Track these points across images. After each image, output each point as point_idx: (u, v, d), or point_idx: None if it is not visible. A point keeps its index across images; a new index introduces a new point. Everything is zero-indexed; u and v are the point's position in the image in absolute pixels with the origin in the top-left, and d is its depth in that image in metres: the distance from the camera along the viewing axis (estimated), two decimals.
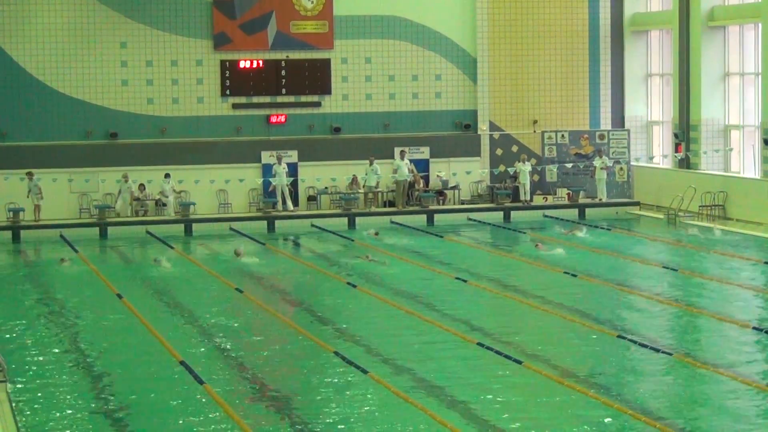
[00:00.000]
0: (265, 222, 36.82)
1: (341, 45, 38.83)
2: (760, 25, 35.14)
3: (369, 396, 17.21)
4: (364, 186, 37.86)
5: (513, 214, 38.03)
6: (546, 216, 37.74)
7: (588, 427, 15.78)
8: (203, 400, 17.17)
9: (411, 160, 38.29)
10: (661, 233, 33.80)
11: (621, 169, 39.29)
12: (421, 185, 38.53)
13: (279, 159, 37.37)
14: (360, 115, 39.01)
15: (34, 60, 36.95)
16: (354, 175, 38.04)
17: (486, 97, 39.59)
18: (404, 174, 37.66)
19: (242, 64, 38.08)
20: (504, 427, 15.76)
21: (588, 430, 15.69)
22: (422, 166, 38.85)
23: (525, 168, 38.49)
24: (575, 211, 38.15)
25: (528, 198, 38.68)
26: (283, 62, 38.37)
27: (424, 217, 37.41)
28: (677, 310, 23.14)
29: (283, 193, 37.35)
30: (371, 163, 37.54)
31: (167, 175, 36.74)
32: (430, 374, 18.33)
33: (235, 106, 38.22)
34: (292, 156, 37.92)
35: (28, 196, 35.63)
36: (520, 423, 15.92)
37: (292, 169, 37.79)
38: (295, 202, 37.75)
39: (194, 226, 36.19)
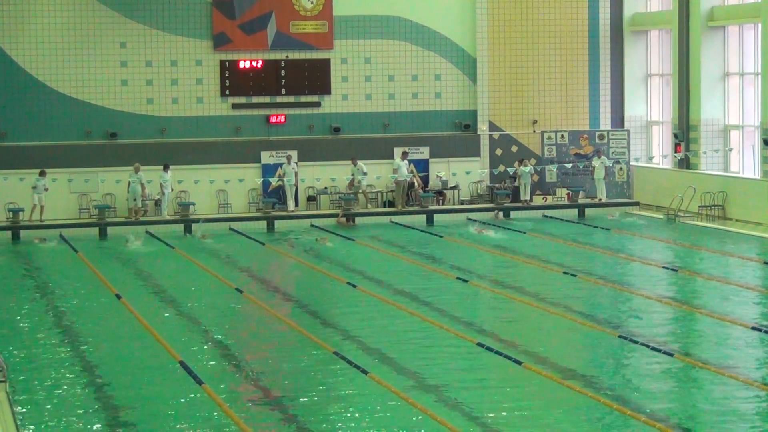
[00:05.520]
0: (264, 222, 36.84)
1: (341, 45, 38.83)
2: (759, 25, 35.14)
3: (369, 396, 17.21)
4: (353, 185, 37.70)
5: (513, 214, 38.06)
6: (546, 216, 37.76)
7: (588, 427, 15.78)
8: (202, 400, 17.17)
9: (411, 161, 38.28)
10: (660, 233, 33.80)
11: (621, 169, 39.30)
12: (418, 185, 38.40)
13: (288, 159, 37.42)
14: (360, 115, 39.01)
15: (34, 60, 36.95)
16: (353, 175, 38.02)
17: (486, 97, 39.60)
18: (404, 174, 37.66)
19: (242, 65, 38.08)
20: (503, 426, 15.76)
21: (588, 430, 15.69)
22: (422, 166, 38.86)
23: (525, 169, 38.47)
24: (575, 211, 38.18)
25: (527, 198, 38.64)
26: (282, 62, 38.37)
27: (423, 217, 37.43)
28: (677, 310, 23.15)
29: (289, 192, 37.41)
30: (355, 164, 37.52)
31: (166, 167, 36.53)
32: (430, 374, 18.34)
33: (234, 106, 38.22)
34: (292, 156, 37.90)
35: (34, 192, 35.50)
36: (519, 423, 15.92)
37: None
38: (295, 202, 37.74)
39: (194, 226, 36.17)
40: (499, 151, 39.67)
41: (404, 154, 37.93)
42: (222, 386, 17.88)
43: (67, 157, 36.80)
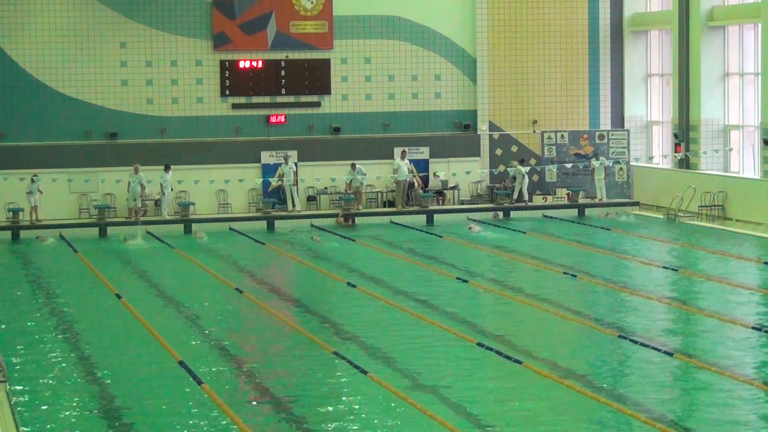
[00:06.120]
0: (264, 222, 36.84)
1: (341, 45, 38.83)
2: (759, 25, 35.14)
3: (369, 396, 17.21)
4: (352, 186, 37.70)
5: (513, 213, 38.07)
6: (546, 216, 37.77)
7: (588, 427, 15.78)
8: (202, 399, 17.17)
9: (411, 161, 38.28)
10: (660, 233, 33.80)
11: (621, 169, 39.30)
12: (418, 185, 38.36)
13: (286, 159, 37.41)
14: (360, 115, 39.01)
15: (34, 60, 36.94)
16: (351, 176, 37.97)
17: (486, 97, 39.59)
18: (404, 174, 37.66)
19: (242, 64, 38.08)
20: (503, 426, 15.76)
21: (587, 430, 15.69)
22: (422, 166, 38.85)
23: (522, 170, 38.43)
24: (575, 211, 38.19)
25: (526, 198, 38.55)
26: (282, 62, 38.37)
27: (423, 217, 37.43)
28: (677, 310, 23.15)
29: (292, 193, 37.37)
30: (354, 168, 37.50)
31: (168, 167, 36.51)
32: (429, 374, 18.34)
33: (234, 106, 38.22)
34: (292, 156, 37.92)
35: (29, 195, 35.54)
36: (519, 423, 15.92)
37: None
38: (293, 202, 37.68)
39: (194, 226, 36.18)
40: (499, 151, 39.66)
41: (403, 154, 37.93)
42: (222, 386, 17.88)
43: (67, 157, 36.80)
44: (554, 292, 25.12)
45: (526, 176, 38.48)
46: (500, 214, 37.79)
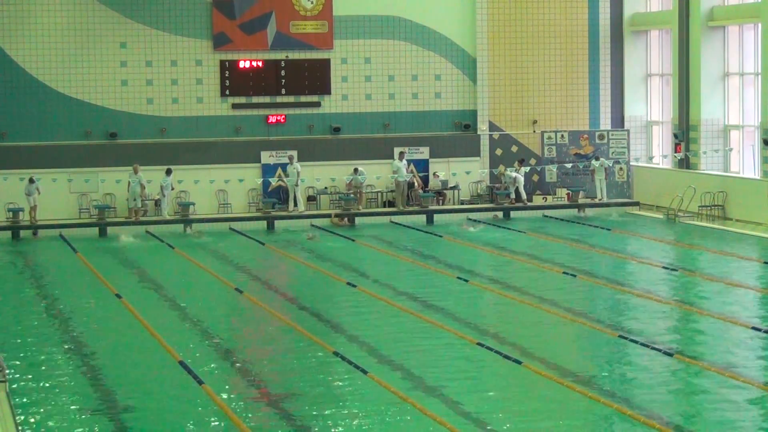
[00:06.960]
0: (264, 222, 36.85)
1: (341, 45, 38.83)
2: (759, 25, 35.15)
3: (369, 396, 17.21)
4: (352, 186, 37.74)
5: (513, 213, 38.07)
6: (546, 216, 37.77)
7: (587, 426, 15.79)
8: (202, 400, 17.17)
9: (411, 161, 38.27)
10: (660, 233, 33.81)
11: (621, 169, 39.30)
12: (418, 185, 38.36)
13: (291, 159, 37.40)
14: (360, 115, 39.01)
15: (34, 60, 36.95)
16: (352, 177, 37.99)
17: (486, 97, 39.59)
18: (404, 175, 37.66)
19: (242, 64, 38.08)
20: (503, 427, 15.76)
21: (587, 430, 15.69)
22: (422, 166, 38.86)
23: (513, 174, 38.39)
24: (575, 211, 38.19)
25: (524, 198, 38.54)
26: (282, 62, 38.37)
27: (423, 217, 37.43)
28: (677, 310, 23.15)
29: (295, 194, 37.37)
30: (356, 171, 37.49)
31: (169, 171, 36.54)
32: (430, 374, 18.34)
33: (234, 106, 38.22)
34: (294, 156, 37.87)
35: (27, 196, 35.59)
36: (519, 423, 15.93)
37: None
38: (294, 202, 37.68)
39: (194, 226, 36.18)
40: (499, 151, 39.67)
41: (401, 155, 37.92)
42: (222, 386, 17.88)
43: (67, 157, 36.80)
44: (554, 292, 25.13)
45: (519, 177, 38.44)
46: (500, 214, 37.81)
